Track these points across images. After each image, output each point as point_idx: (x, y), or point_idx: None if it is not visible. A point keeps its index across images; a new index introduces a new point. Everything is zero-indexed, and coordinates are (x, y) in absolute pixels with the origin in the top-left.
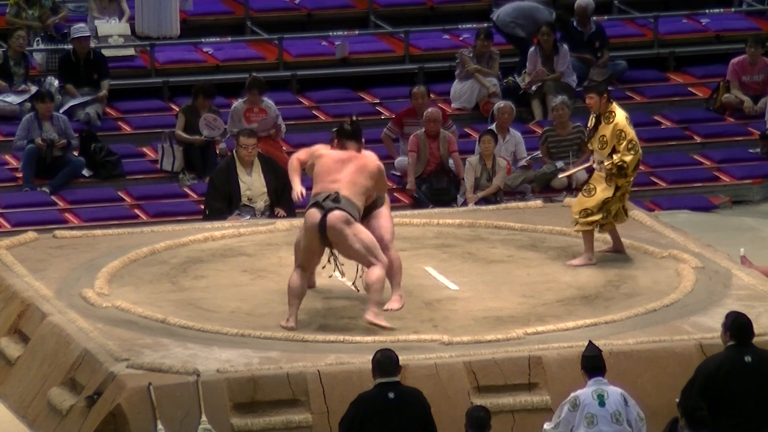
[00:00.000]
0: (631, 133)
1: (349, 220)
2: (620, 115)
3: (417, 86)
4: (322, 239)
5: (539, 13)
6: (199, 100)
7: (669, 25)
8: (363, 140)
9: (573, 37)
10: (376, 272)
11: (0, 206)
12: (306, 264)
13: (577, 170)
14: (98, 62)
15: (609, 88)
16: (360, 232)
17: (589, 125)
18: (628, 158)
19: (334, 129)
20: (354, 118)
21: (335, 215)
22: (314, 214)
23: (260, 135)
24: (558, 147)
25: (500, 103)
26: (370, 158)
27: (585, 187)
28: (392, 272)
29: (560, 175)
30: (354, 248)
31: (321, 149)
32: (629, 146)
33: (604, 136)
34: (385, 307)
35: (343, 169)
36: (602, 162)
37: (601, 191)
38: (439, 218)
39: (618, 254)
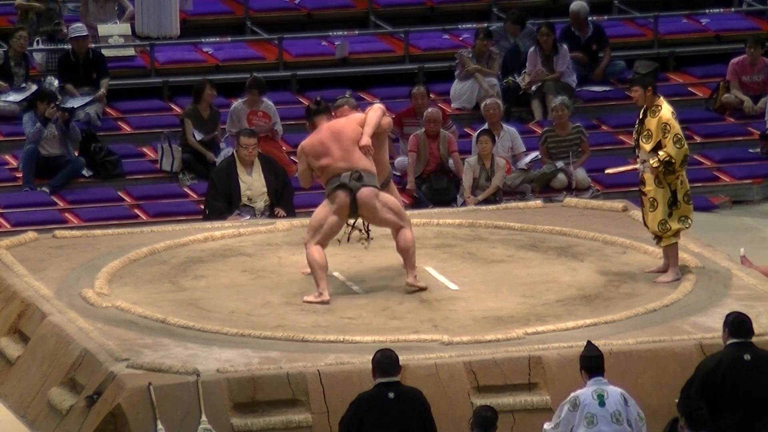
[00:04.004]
0: (676, 126)
1: (377, 193)
2: (666, 109)
3: (417, 86)
4: (352, 215)
5: None
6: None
7: (669, 25)
8: (332, 111)
9: (570, 41)
10: (407, 235)
11: (0, 206)
12: (325, 241)
13: (625, 169)
14: (97, 61)
15: (655, 81)
16: (387, 201)
17: (637, 122)
18: (674, 152)
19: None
20: (317, 98)
21: (365, 192)
22: (342, 195)
23: (259, 135)
24: (558, 147)
25: (486, 101)
26: (341, 121)
27: (647, 202)
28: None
29: (607, 171)
30: (385, 218)
31: (301, 147)
32: (675, 139)
33: (649, 130)
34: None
35: (329, 149)
36: (645, 161)
37: (660, 196)
38: (439, 218)
39: (613, 257)
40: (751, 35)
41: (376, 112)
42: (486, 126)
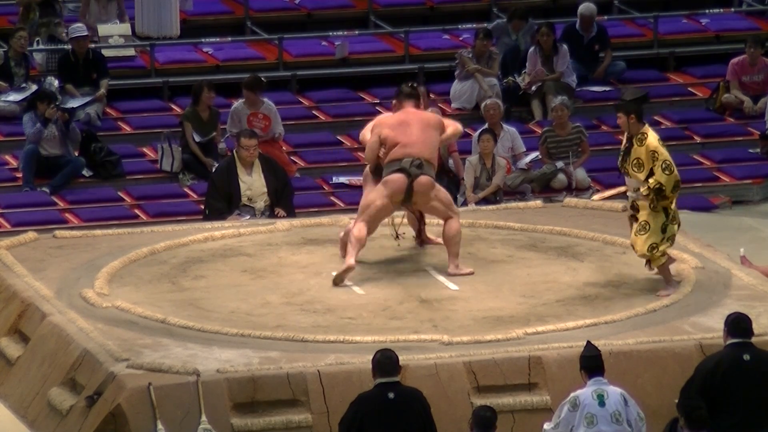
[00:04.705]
0: (664, 153)
1: (433, 184)
2: (653, 137)
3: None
4: (404, 201)
5: None
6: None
7: (669, 25)
8: (420, 102)
9: (573, 41)
10: (454, 225)
11: (0, 206)
12: (373, 223)
13: (612, 194)
14: (97, 62)
15: (641, 109)
16: (439, 192)
17: (621, 148)
18: (663, 179)
19: (396, 92)
20: (414, 83)
21: (423, 181)
22: (401, 179)
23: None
24: (557, 147)
25: (486, 101)
26: (426, 113)
27: (637, 226)
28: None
29: (594, 198)
30: (435, 207)
31: (380, 120)
32: (664, 167)
33: (639, 158)
34: (462, 271)
35: (409, 130)
36: (638, 189)
37: (653, 220)
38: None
39: (613, 257)
40: (751, 35)
41: (457, 130)
42: (487, 126)
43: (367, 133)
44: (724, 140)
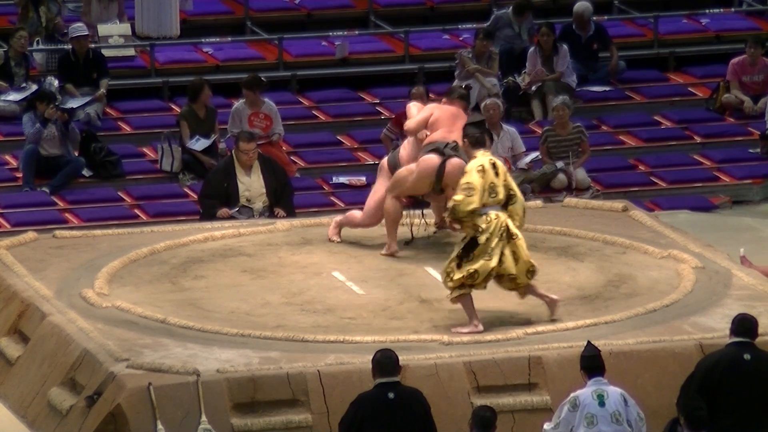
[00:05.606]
0: (472, 176)
1: (464, 168)
2: (476, 162)
3: (416, 86)
4: (435, 182)
5: None
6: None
7: (669, 25)
8: (469, 106)
9: (570, 40)
10: None
11: (0, 206)
12: (403, 196)
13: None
14: (97, 61)
15: (476, 133)
16: None
17: None
18: (458, 198)
19: (449, 90)
20: (468, 85)
21: (455, 162)
22: (434, 159)
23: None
24: (558, 147)
25: (486, 101)
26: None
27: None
28: None
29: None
30: None
31: (433, 107)
32: (464, 187)
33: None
34: None
35: (456, 124)
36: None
37: (460, 245)
38: None
39: (613, 257)
40: (751, 35)
41: None
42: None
43: (414, 108)
44: (724, 140)
